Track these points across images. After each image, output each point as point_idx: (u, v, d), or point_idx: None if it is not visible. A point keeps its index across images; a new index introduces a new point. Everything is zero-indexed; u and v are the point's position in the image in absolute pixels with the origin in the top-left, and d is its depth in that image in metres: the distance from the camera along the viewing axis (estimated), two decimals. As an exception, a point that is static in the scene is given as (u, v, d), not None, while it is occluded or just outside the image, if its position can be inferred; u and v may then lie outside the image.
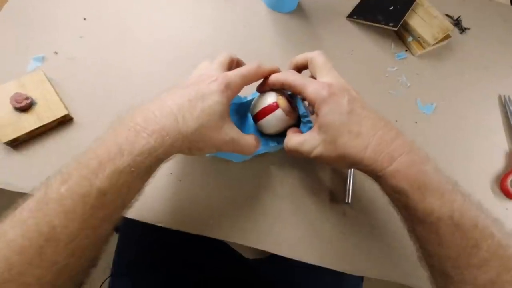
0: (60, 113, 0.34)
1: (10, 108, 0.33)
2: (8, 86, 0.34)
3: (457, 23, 0.56)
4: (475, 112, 0.48)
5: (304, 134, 0.29)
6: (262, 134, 0.34)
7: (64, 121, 0.35)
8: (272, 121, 0.31)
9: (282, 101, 0.31)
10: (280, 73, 0.31)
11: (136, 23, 0.43)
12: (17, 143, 0.33)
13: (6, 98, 0.33)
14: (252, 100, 0.35)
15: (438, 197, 0.23)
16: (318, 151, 0.27)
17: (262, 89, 0.32)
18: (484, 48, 0.55)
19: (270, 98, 0.31)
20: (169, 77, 0.40)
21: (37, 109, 0.33)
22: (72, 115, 0.35)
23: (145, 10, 0.45)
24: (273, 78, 0.30)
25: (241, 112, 0.36)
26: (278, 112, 0.31)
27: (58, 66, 0.38)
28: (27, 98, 0.33)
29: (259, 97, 0.33)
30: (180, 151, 0.25)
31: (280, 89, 0.32)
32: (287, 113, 0.31)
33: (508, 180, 0.42)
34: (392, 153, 0.24)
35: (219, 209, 0.34)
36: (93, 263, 0.23)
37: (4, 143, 0.31)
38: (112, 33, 0.42)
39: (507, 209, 0.42)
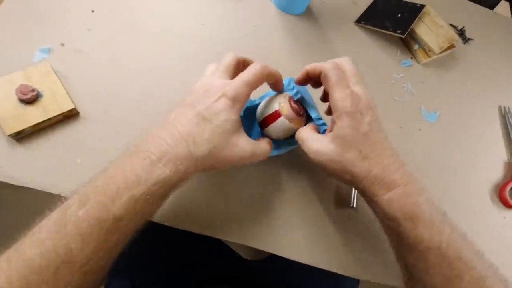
0: (67, 106, 0.33)
1: (15, 99, 0.32)
2: (14, 77, 0.33)
3: (461, 33, 0.57)
4: (477, 122, 0.49)
5: (318, 135, 0.30)
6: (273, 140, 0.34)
7: (70, 115, 0.34)
8: (276, 129, 0.31)
9: (285, 108, 0.30)
10: (319, 64, 0.29)
11: (146, 17, 0.43)
12: (21, 136, 0.32)
13: (11, 90, 0.32)
14: (260, 103, 0.34)
15: (428, 228, 0.25)
16: (324, 158, 0.28)
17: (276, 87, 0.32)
18: (486, 59, 0.56)
19: (273, 105, 0.31)
20: (179, 73, 0.40)
21: (43, 101, 0.33)
22: (78, 109, 0.34)
23: (155, 5, 0.44)
24: (312, 66, 0.30)
25: (251, 116, 0.36)
26: (281, 120, 0.30)
27: (65, 59, 0.37)
28: (33, 90, 0.32)
29: (263, 104, 0.32)
30: (195, 173, 0.25)
31: (283, 93, 0.32)
32: (291, 120, 0.30)
33: (507, 190, 0.43)
34: (391, 183, 0.26)
35: (226, 210, 0.34)
36: (102, 282, 0.23)
37: (9, 135, 0.30)
38: (121, 26, 0.41)
39: (504, 217, 0.43)
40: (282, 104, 0.30)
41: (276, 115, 0.30)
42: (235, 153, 0.26)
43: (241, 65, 0.30)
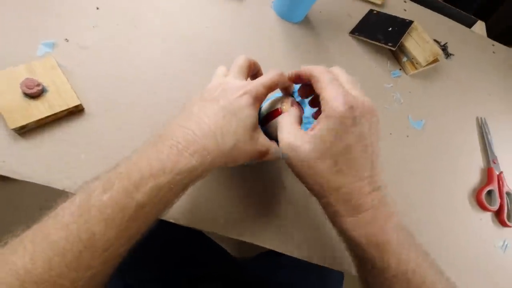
0: (72, 102, 0.33)
1: (19, 93, 0.31)
2: (18, 70, 0.32)
3: (444, 48, 0.62)
4: (457, 131, 0.53)
5: (298, 128, 0.26)
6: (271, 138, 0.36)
7: (75, 111, 0.34)
8: (275, 126, 0.33)
9: (286, 108, 0.32)
10: (312, 67, 0.28)
11: (151, 17, 0.43)
12: (24, 131, 0.31)
13: (15, 83, 0.31)
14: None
15: (396, 256, 0.24)
16: (294, 155, 0.25)
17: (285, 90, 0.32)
18: (465, 74, 0.61)
19: (276, 104, 0.32)
20: (182, 73, 0.41)
21: (48, 96, 0.32)
22: (83, 105, 0.34)
23: (161, 5, 0.45)
24: (305, 69, 0.28)
25: None
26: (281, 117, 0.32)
27: (69, 54, 0.37)
28: (38, 85, 0.32)
29: (266, 102, 0.34)
30: (217, 166, 0.25)
31: (287, 94, 0.34)
32: None
33: (483, 194, 0.47)
34: (358, 206, 0.24)
35: (229, 207, 0.35)
36: (115, 270, 0.23)
37: (12, 129, 0.30)
38: (126, 24, 0.41)
39: (481, 219, 0.47)
40: (284, 104, 0.32)
41: (277, 112, 0.32)
42: (256, 148, 0.27)
43: (252, 67, 0.31)
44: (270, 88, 0.28)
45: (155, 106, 0.37)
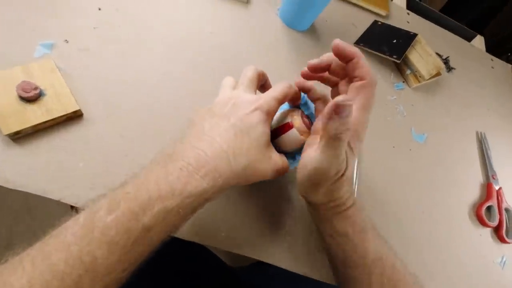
0: (71, 108, 0.31)
1: (15, 96, 0.30)
2: (14, 72, 0.31)
3: (445, 62, 0.62)
4: (458, 145, 0.54)
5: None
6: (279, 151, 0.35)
7: (73, 117, 0.32)
8: (287, 140, 0.32)
9: (297, 121, 0.31)
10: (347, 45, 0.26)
11: (154, 20, 0.42)
12: (19, 136, 0.30)
13: (11, 86, 0.30)
14: None
15: (372, 241, 0.27)
16: (312, 164, 0.25)
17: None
18: (466, 89, 0.62)
19: (286, 118, 0.31)
20: (185, 79, 0.39)
21: (45, 101, 0.31)
22: (82, 110, 0.33)
23: (164, 8, 0.43)
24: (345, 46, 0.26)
25: None
26: (292, 132, 0.31)
27: (68, 56, 0.35)
28: (36, 88, 0.30)
29: (277, 116, 0.33)
30: (229, 186, 0.24)
31: (296, 107, 0.33)
32: (301, 133, 0.31)
33: (483, 209, 0.47)
34: (348, 202, 0.27)
35: (230, 222, 0.34)
36: None
37: (6, 135, 0.28)
38: (128, 27, 0.40)
39: (480, 235, 0.47)
40: (295, 117, 0.31)
41: (288, 126, 0.31)
42: (270, 166, 0.26)
43: (260, 77, 0.30)
44: (281, 102, 0.28)
45: (158, 112, 0.36)
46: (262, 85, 0.33)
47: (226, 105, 0.26)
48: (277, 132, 0.32)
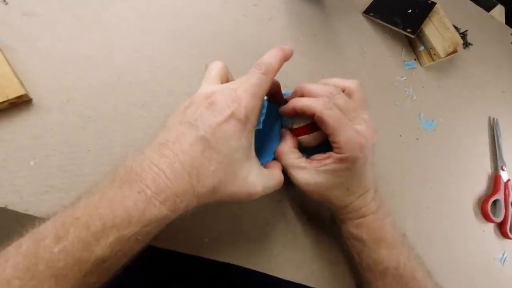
0: (15, 92, 0.25)
1: None
2: None
3: (463, 36, 0.55)
4: (468, 132, 0.49)
5: (303, 161, 0.27)
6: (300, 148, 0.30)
7: (19, 103, 0.26)
8: (312, 139, 0.29)
9: None
10: (311, 101, 0.25)
11: (121, -22, 0.34)
12: None
13: None
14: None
15: (389, 249, 0.27)
16: (309, 188, 0.27)
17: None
18: (482, 68, 0.56)
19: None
20: (162, 54, 0.33)
21: (-22, 83, 0.24)
22: (31, 95, 0.27)
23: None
24: (300, 103, 0.26)
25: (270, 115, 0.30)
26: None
27: (9, 24, 0.28)
28: (-37, 68, 0.24)
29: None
30: (195, 208, 0.21)
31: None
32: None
33: (488, 204, 0.44)
34: (365, 211, 0.27)
35: (216, 228, 0.30)
36: None
37: None
38: (88, -14, 0.32)
39: (484, 231, 0.44)
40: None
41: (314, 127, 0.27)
42: (243, 189, 0.22)
43: (272, 86, 0.26)
44: (262, 97, 0.23)
45: (129, 97, 0.30)
46: (272, 94, 0.29)
47: (200, 106, 0.22)
48: (303, 130, 0.28)
